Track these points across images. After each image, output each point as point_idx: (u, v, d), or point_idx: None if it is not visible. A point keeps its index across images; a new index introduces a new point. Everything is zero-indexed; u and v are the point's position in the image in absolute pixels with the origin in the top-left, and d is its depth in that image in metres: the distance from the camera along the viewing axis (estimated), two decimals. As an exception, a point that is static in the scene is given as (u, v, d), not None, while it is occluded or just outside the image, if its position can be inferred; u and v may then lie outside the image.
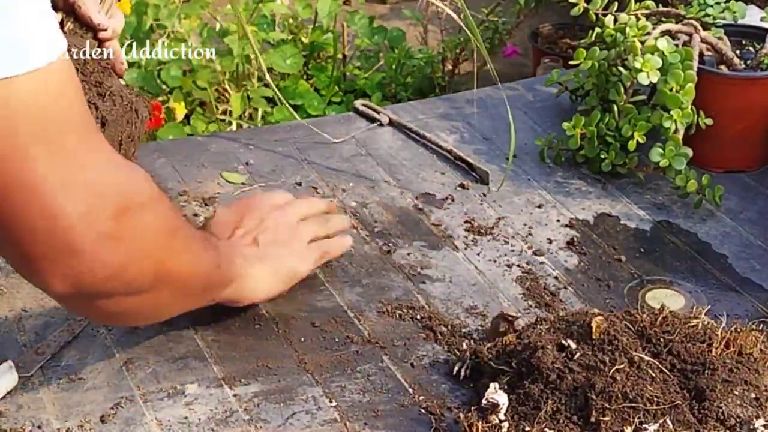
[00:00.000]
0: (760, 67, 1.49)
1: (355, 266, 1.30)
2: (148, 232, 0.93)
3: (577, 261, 1.33)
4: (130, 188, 0.91)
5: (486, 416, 1.00)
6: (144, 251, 0.93)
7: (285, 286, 1.21)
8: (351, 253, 1.32)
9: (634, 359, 1.00)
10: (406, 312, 1.22)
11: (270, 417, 1.07)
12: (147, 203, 0.93)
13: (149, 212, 0.93)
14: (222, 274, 1.10)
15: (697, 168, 1.43)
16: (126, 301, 0.95)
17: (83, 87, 1.03)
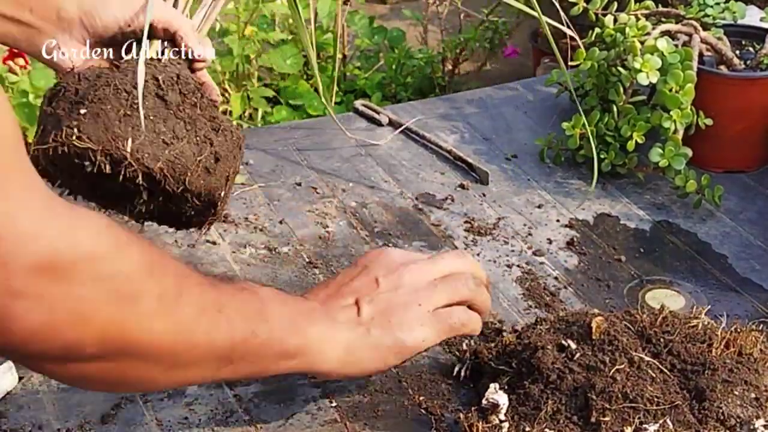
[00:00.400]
0: (759, 67, 1.49)
1: (355, 266, 1.30)
2: (87, 294, 0.78)
3: (577, 261, 1.33)
4: (65, 241, 0.76)
5: (486, 416, 1.00)
6: (79, 315, 0.78)
7: (387, 363, 1.02)
8: (351, 253, 1.32)
9: (634, 359, 1.00)
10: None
11: (270, 417, 1.07)
12: (89, 260, 0.78)
13: (92, 271, 0.78)
14: (268, 343, 0.94)
15: (696, 168, 1.43)
16: (81, 368, 0.83)
17: (199, 121, 1.04)
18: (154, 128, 1.00)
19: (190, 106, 1.03)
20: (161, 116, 1.01)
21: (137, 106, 0.99)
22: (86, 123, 0.99)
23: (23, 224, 0.73)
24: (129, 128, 0.99)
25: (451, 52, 2.66)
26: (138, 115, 0.99)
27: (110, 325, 0.81)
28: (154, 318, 0.84)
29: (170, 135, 1.01)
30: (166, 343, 0.86)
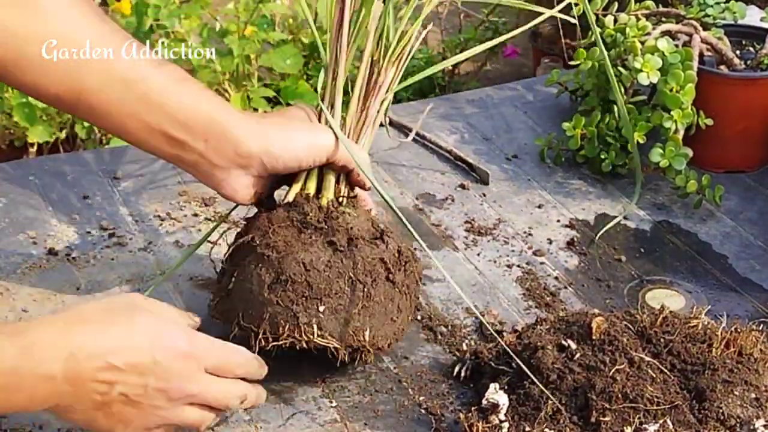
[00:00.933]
0: (760, 67, 1.49)
1: (355, 266, 1.30)
2: None
3: (577, 261, 1.33)
4: None
5: (486, 416, 1.00)
6: None
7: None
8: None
9: (634, 359, 1.00)
10: (406, 312, 1.22)
11: (270, 417, 1.07)
12: None
13: None
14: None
15: (697, 168, 1.43)
16: None
17: (411, 283, 1.08)
18: (385, 311, 1.05)
19: (410, 274, 1.08)
20: (389, 297, 1.06)
21: (372, 296, 1.04)
22: (326, 319, 1.02)
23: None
24: (366, 318, 1.03)
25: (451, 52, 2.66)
26: (373, 304, 1.04)
27: None
28: None
29: (396, 311, 1.06)
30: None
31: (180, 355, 0.95)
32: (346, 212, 1.07)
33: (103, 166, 1.48)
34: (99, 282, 1.25)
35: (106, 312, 0.95)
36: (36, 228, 1.34)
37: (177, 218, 1.38)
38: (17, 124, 2.09)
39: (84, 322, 0.93)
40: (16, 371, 0.89)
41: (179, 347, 0.95)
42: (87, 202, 1.40)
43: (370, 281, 1.04)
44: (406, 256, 1.07)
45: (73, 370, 0.90)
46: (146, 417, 0.95)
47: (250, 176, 1.08)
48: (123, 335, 0.93)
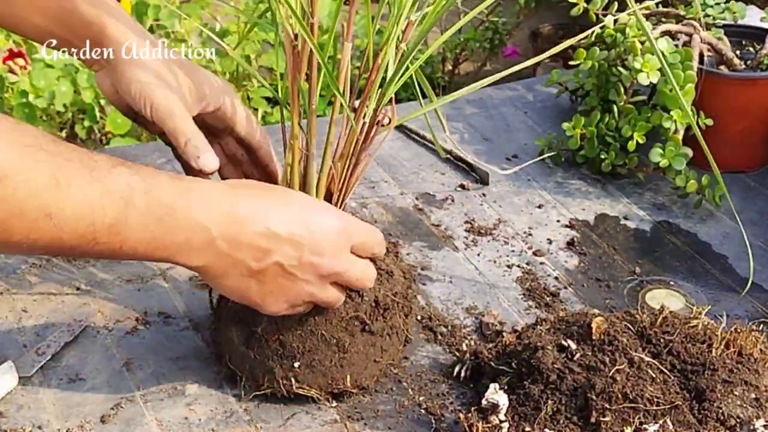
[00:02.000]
0: (760, 68, 1.49)
1: (355, 266, 1.30)
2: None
3: (577, 261, 1.33)
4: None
5: (486, 416, 1.00)
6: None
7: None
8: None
9: (634, 360, 1.00)
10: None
11: (270, 417, 1.07)
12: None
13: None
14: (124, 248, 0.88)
15: (697, 168, 1.43)
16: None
17: (397, 318, 1.07)
18: (366, 356, 1.06)
19: (390, 319, 1.07)
20: (370, 343, 1.06)
21: (349, 349, 1.05)
22: (302, 373, 1.05)
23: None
24: (345, 367, 1.05)
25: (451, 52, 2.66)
26: (351, 355, 1.05)
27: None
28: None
29: (379, 353, 1.07)
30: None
31: (333, 231, 0.97)
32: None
33: (103, 166, 1.48)
34: (99, 282, 1.25)
35: (263, 187, 0.97)
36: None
37: (177, 218, 1.38)
38: (17, 124, 2.09)
39: (246, 187, 0.95)
40: (172, 208, 0.88)
41: (332, 222, 0.97)
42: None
43: (346, 336, 1.05)
44: (384, 303, 1.05)
45: (232, 230, 0.91)
46: (295, 291, 0.97)
47: (111, 84, 1.09)
48: (282, 206, 0.95)
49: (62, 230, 0.84)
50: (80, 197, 0.84)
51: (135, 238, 0.88)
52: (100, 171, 0.86)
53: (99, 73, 1.11)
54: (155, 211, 0.88)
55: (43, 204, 0.82)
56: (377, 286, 1.06)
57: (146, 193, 0.87)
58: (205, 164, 1.05)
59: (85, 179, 0.85)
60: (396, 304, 1.07)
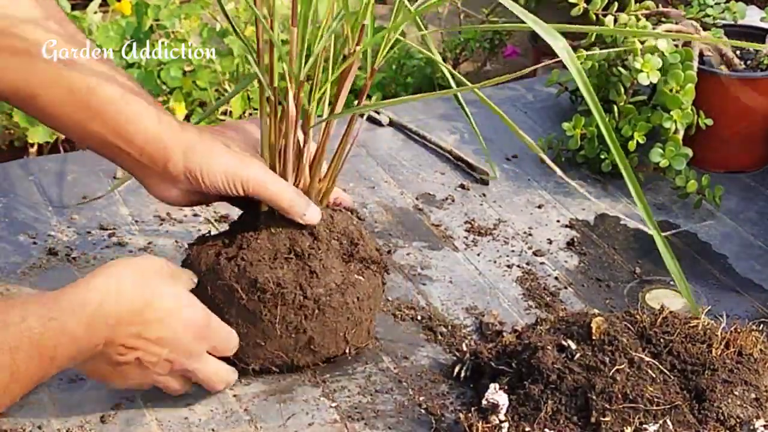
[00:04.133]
0: (759, 68, 1.49)
1: (355, 266, 1.30)
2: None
3: (577, 261, 1.33)
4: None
5: (486, 416, 1.00)
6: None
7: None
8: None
9: (634, 360, 1.00)
10: (406, 312, 1.22)
11: (270, 417, 1.07)
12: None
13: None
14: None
15: (697, 168, 1.43)
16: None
17: (280, 292, 1.08)
18: (246, 333, 1.09)
19: (273, 307, 1.08)
20: (249, 321, 1.08)
21: (227, 315, 1.09)
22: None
23: None
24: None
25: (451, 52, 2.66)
26: (230, 322, 1.08)
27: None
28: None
29: (261, 336, 1.09)
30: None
31: (197, 334, 1.04)
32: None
33: (103, 166, 1.48)
34: (99, 282, 1.25)
35: (139, 284, 1.01)
36: (36, 228, 1.34)
37: (177, 218, 1.38)
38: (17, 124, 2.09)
39: (121, 294, 1.00)
40: (79, 341, 0.97)
41: (198, 326, 1.04)
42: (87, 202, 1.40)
43: (224, 301, 1.08)
44: (263, 288, 1.07)
45: (112, 336, 0.98)
46: (143, 378, 1.04)
47: (178, 189, 1.10)
48: (158, 308, 1.01)
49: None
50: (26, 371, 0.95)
51: (29, 375, 0.96)
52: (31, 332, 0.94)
53: (162, 185, 1.10)
54: (71, 349, 0.97)
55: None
56: (265, 267, 1.07)
57: (29, 338, 0.94)
58: (311, 220, 1.10)
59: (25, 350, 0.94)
60: (279, 294, 1.07)
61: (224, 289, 1.08)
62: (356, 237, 1.13)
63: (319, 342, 1.09)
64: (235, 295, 1.07)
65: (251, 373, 1.10)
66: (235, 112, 2.28)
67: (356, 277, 1.10)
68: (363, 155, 1.54)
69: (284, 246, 1.09)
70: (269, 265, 1.08)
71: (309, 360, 1.11)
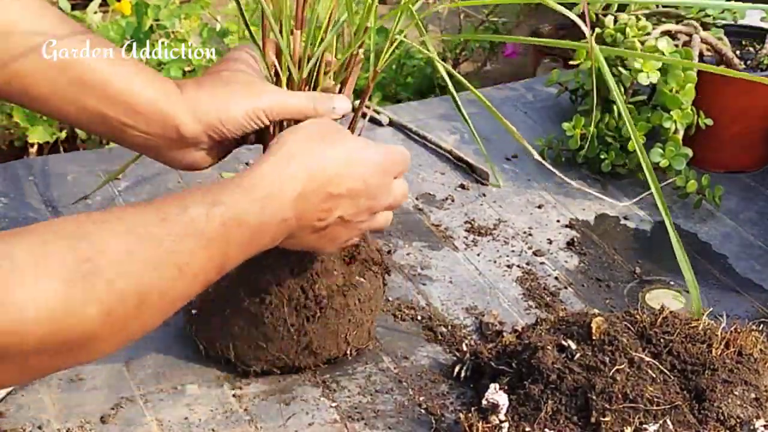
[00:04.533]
0: (759, 68, 1.49)
1: (355, 266, 1.30)
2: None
3: (577, 261, 1.33)
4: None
5: (486, 416, 1.00)
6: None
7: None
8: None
9: (634, 360, 1.00)
10: (406, 312, 1.22)
11: (270, 417, 1.07)
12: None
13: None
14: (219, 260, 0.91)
15: (697, 168, 1.43)
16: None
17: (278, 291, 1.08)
18: (248, 335, 1.09)
19: (274, 309, 1.08)
20: (252, 323, 1.08)
21: (229, 316, 1.09)
22: (197, 323, 1.13)
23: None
24: (227, 336, 1.10)
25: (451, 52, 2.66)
26: (233, 324, 1.09)
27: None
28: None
29: (263, 338, 1.09)
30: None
31: (380, 172, 1.02)
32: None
33: (103, 166, 1.48)
34: (99, 282, 1.25)
35: (309, 141, 0.99)
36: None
37: (177, 218, 1.38)
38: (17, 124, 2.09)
39: (297, 156, 0.97)
40: (260, 226, 0.94)
41: (378, 164, 1.02)
42: (87, 202, 1.40)
43: (227, 304, 1.09)
44: (265, 290, 1.08)
45: (301, 209, 0.97)
46: (351, 232, 1.03)
47: (202, 150, 1.07)
48: (334, 164, 0.99)
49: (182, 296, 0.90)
50: (196, 266, 0.89)
51: (235, 260, 0.94)
52: (195, 223, 0.89)
53: (179, 153, 1.07)
54: (246, 235, 0.93)
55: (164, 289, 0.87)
56: (268, 269, 1.07)
57: (239, 226, 0.92)
58: (342, 110, 1.07)
59: (191, 243, 0.88)
60: (281, 296, 1.07)
61: (226, 292, 1.08)
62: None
63: (321, 344, 1.10)
64: (237, 297, 1.07)
65: (252, 373, 1.11)
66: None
67: (357, 279, 1.10)
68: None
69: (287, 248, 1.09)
70: (271, 267, 1.08)
71: (310, 362, 1.11)
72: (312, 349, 1.10)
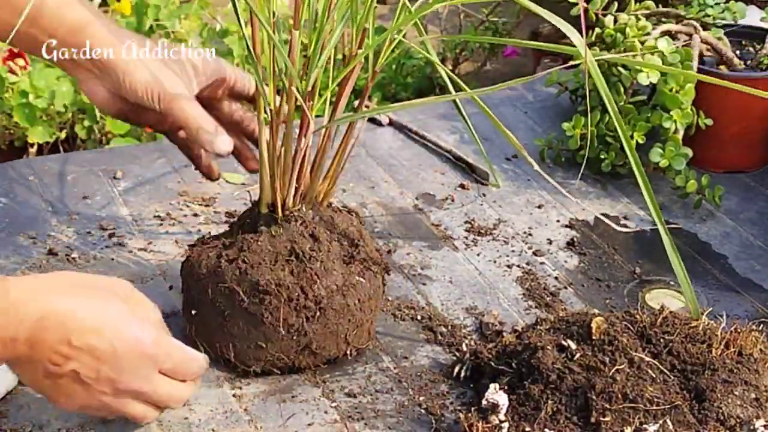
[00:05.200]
0: (759, 68, 1.49)
1: (355, 266, 1.30)
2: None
3: (577, 261, 1.33)
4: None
5: (486, 416, 1.00)
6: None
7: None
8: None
9: (634, 360, 1.00)
10: (406, 312, 1.22)
11: (270, 417, 1.07)
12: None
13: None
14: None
15: (697, 168, 1.43)
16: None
17: (279, 295, 1.08)
18: (246, 334, 1.09)
19: (274, 309, 1.08)
20: (251, 323, 1.08)
21: (227, 317, 1.08)
22: (197, 325, 1.12)
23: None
24: (227, 336, 1.09)
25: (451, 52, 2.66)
26: (232, 323, 1.09)
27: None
28: None
29: (262, 337, 1.08)
30: None
31: (139, 353, 0.96)
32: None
33: (103, 166, 1.48)
34: (99, 282, 1.25)
35: (86, 289, 0.97)
36: (36, 228, 1.34)
37: (177, 218, 1.38)
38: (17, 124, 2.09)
39: (62, 293, 0.95)
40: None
41: (141, 345, 0.96)
42: (87, 202, 1.40)
43: (226, 303, 1.08)
44: (264, 288, 1.07)
45: (36, 336, 0.92)
46: (89, 398, 0.97)
47: (105, 89, 1.10)
48: (92, 317, 0.94)
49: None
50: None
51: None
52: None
53: (90, 80, 1.13)
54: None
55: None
56: (267, 269, 1.07)
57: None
58: (220, 148, 1.08)
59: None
60: (280, 296, 1.07)
61: (225, 291, 1.08)
62: (357, 238, 1.13)
63: (321, 344, 1.10)
64: (237, 297, 1.07)
65: (252, 373, 1.11)
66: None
67: (357, 279, 1.10)
68: (363, 155, 1.54)
69: (285, 248, 1.09)
70: (270, 268, 1.08)
71: (310, 362, 1.11)
72: (312, 349, 1.10)
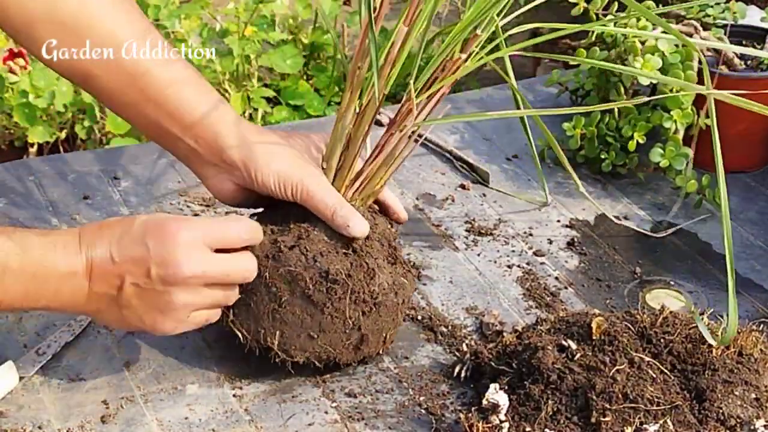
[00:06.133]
0: (760, 68, 1.49)
1: (355, 266, 1.30)
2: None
3: (578, 261, 1.33)
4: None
5: (486, 416, 1.00)
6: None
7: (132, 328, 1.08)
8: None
9: (634, 360, 1.00)
10: (406, 312, 1.22)
11: (270, 417, 1.07)
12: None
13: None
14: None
15: (697, 168, 1.43)
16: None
17: (350, 309, 1.06)
18: (301, 324, 1.06)
19: (337, 300, 1.05)
20: (308, 312, 1.05)
21: (282, 303, 1.05)
22: (239, 309, 1.07)
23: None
24: (277, 323, 1.06)
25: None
26: (286, 310, 1.05)
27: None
28: None
29: (316, 329, 1.06)
30: None
31: (175, 239, 0.99)
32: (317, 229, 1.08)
33: (103, 166, 1.48)
34: (99, 282, 1.25)
35: (113, 223, 1.02)
36: (36, 228, 1.34)
37: (177, 218, 1.38)
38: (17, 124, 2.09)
39: (100, 227, 1.01)
40: (42, 264, 0.97)
41: (170, 232, 0.99)
42: (87, 202, 1.40)
43: (284, 288, 1.05)
44: (333, 278, 1.05)
45: (87, 265, 0.98)
46: (166, 304, 1.00)
47: (232, 183, 1.11)
48: (122, 234, 1.00)
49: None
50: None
51: (12, 295, 0.98)
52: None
53: (217, 176, 1.11)
54: (28, 269, 0.97)
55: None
56: (334, 259, 1.05)
57: (19, 255, 0.97)
58: (356, 231, 1.06)
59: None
60: (347, 287, 1.05)
61: (287, 277, 1.05)
62: (393, 240, 1.12)
63: (368, 340, 1.08)
64: (300, 284, 1.05)
65: (252, 373, 1.10)
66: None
67: (402, 280, 1.10)
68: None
69: (341, 240, 1.07)
70: (336, 257, 1.06)
71: (350, 358, 1.10)
72: (358, 345, 1.08)
